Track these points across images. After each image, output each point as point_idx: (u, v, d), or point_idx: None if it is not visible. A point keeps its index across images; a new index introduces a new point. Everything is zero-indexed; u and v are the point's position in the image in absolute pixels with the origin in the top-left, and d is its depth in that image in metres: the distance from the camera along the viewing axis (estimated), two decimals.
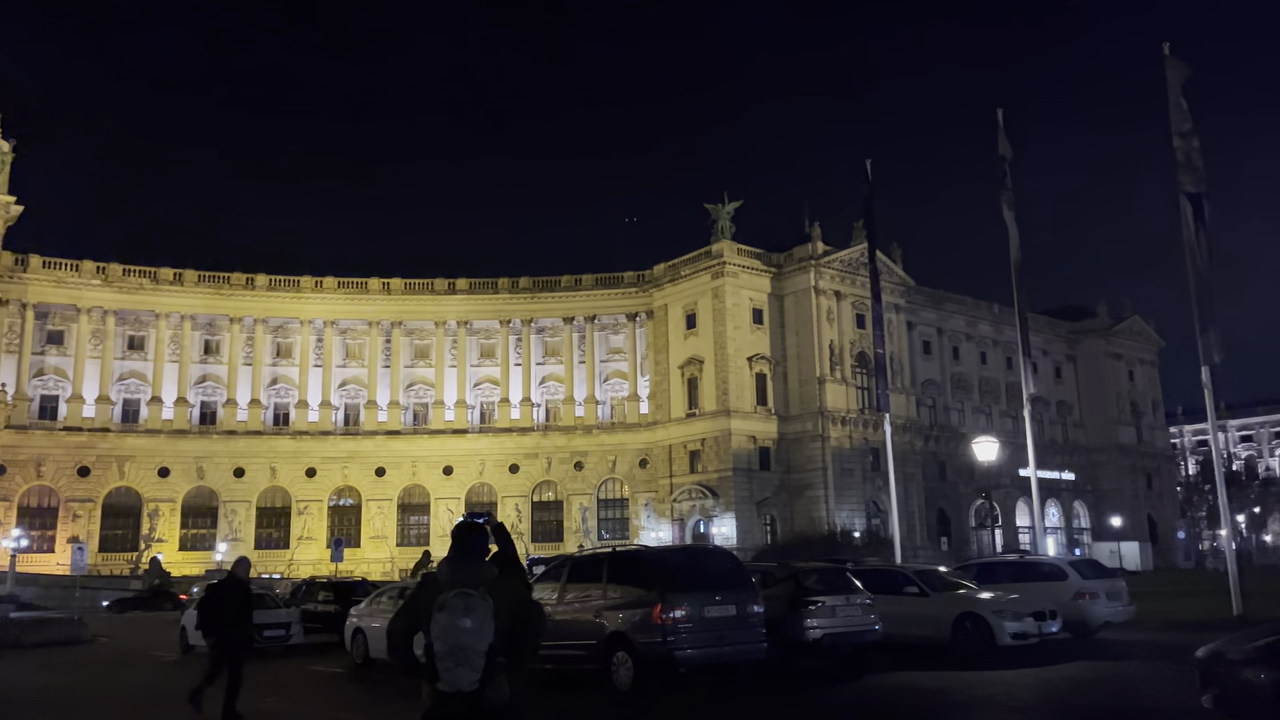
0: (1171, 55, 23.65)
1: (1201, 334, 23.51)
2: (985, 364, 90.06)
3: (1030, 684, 14.67)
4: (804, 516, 72.25)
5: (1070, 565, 21.82)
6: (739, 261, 74.81)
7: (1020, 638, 17.54)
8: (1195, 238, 23.57)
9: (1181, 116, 23.42)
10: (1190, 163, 23.23)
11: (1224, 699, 9.76)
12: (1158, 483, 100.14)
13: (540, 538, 76.03)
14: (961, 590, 19.27)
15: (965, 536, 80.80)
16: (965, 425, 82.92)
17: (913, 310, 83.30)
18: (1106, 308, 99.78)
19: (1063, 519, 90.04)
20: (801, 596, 16.62)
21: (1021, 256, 29.77)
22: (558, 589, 15.96)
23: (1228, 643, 10.15)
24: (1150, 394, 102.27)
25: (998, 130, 29.72)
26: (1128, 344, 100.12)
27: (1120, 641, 20.09)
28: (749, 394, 73.90)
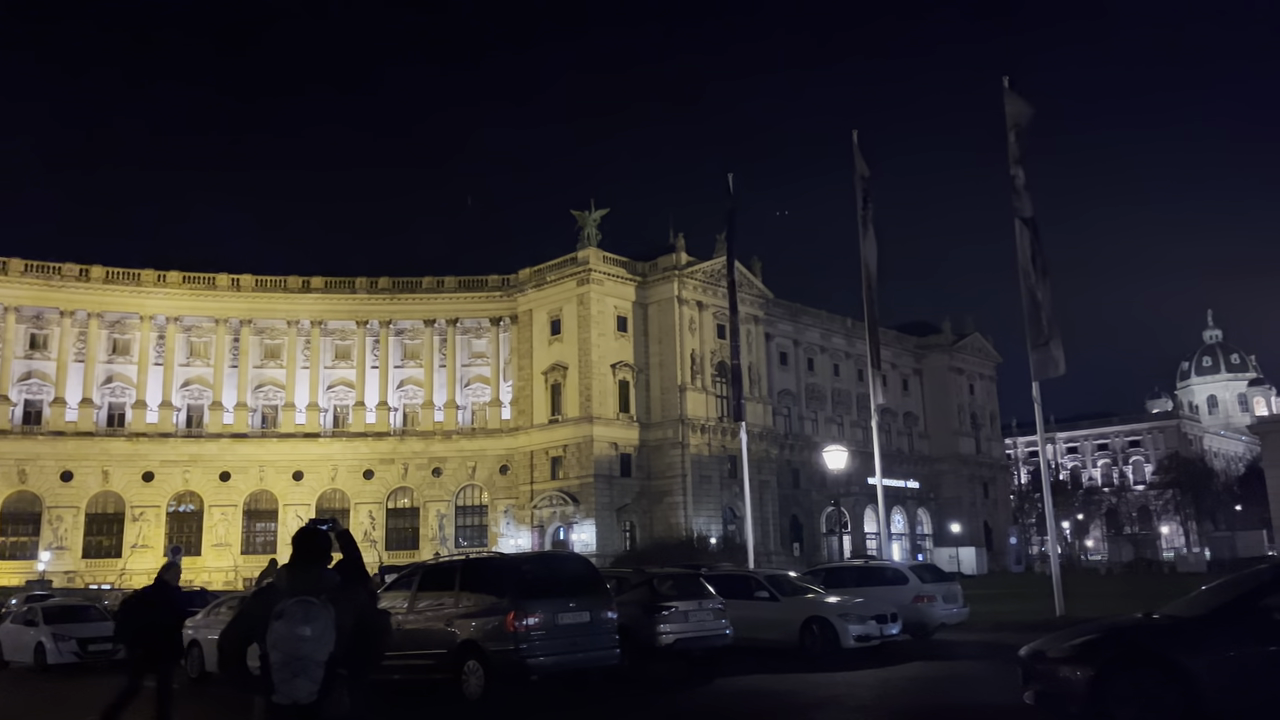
0: (1011, 90, 25.17)
1: (1033, 351, 25.01)
2: (838, 376, 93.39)
3: (871, 684, 15.24)
4: (663, 523, 73.07)
5: (911, 570, 22.85)
6: (605, 269, 75.17)
7: (863, 640, 18.21)
8: (1029, 260, 25.08)
9: (1018, 147, 24.94)
10: (1025, 189, 24.77)
11: (1044, 695, 10.37)
12: (993, 491, 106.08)
13: (395, 545, 74.16)
14: (810, 595, 19.86)
15: (816, 542, 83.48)
16: (819, 434, 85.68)
17: (771, 322, 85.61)
18: (950, 324, 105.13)
19: (907, 525, 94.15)
20: (655, 602, 16.79)
21: (874, 273, 31.02)
22: (409, 597, 15.59)
23: (1048, 642, 10.80)
24: (988, 407, 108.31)
25: (854, 150, 30.87)
26: (969, 359, 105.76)
27: (954, 642, 21.13)
28: (612, 401, 74.27)
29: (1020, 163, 24.87)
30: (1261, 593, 10.03)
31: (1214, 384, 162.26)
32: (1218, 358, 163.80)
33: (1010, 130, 24.95)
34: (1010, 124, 24.97)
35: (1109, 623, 11.86)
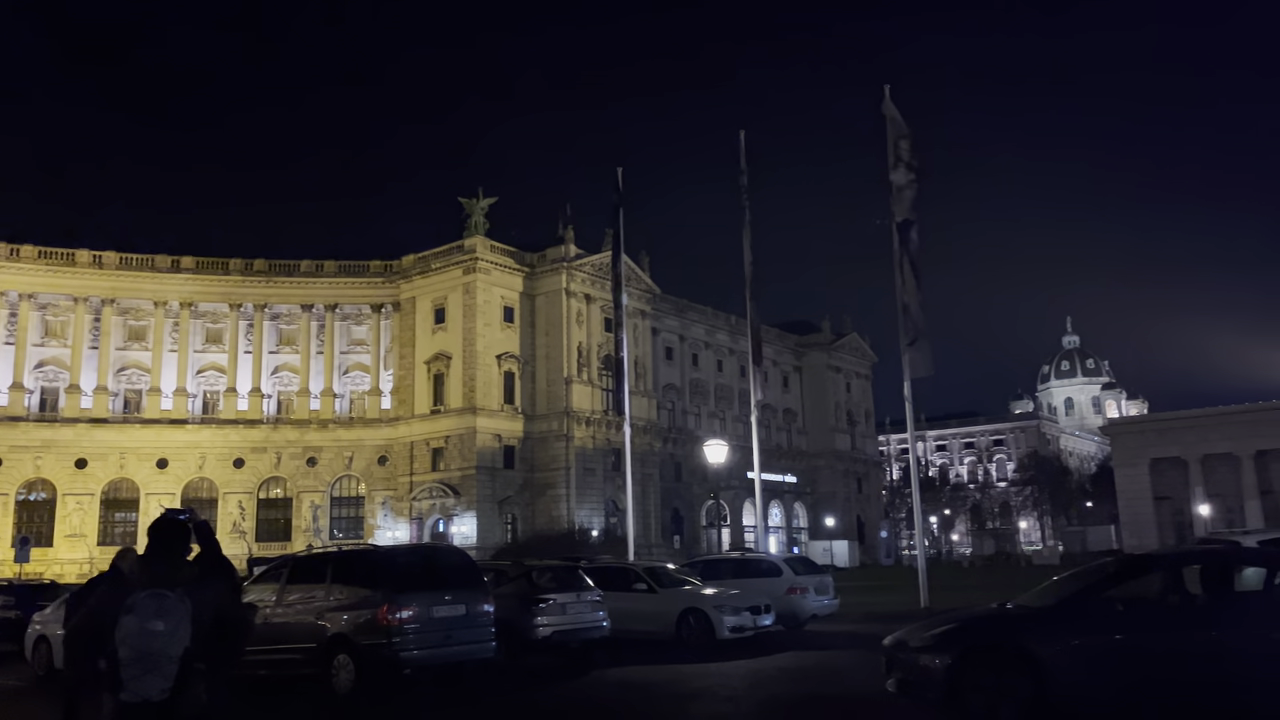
0: (890, 98, 26.03)
1: (905, 352, 25.93)
2: (722, 371, 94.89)
3: (743, 674, 15.55)
4: (545, 515, 72.88)
5: (785, 562, 23.43)
6: (492, 258, 74.36)
7: (738, 631, 18.56)
8: (903, 263, 25.98)
9: (895, 154, 25.81)
10: (901, 195, 25.65)
11: (905, 683, 10.78)
12: (866, 486, 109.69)
13: (266, 537, 71.73)
14: (687, 587, 20.12)
15: (697, 535, 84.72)
16: (701, 429, 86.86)
17: (658, 317, 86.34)
18: (830, 324, 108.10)
19: (785, 519, 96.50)
20: (533, 595, 16.72)
21: (756, 272, 31.60)
22: (277, 590, 15.10)
23: (909, 632, 11.22)
24: (864, 404, 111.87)
25: (739, 151, 31.35)
26: (847, 358, 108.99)
27: (825, 633, 21.78)
28: (496, 392, 73.58)
29: (897, 168, 25.72)
30: (1105, 585, 10.66)
31: (1071, 387, 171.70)
32: (1075, 363, 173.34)
33: (889, 136, 25.79)
34: (890, 130, 25.80)
35: (966, 613, 12.41)
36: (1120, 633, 10.02)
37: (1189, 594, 10.38)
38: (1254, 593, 10.73)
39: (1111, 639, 9.98)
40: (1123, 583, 10.74)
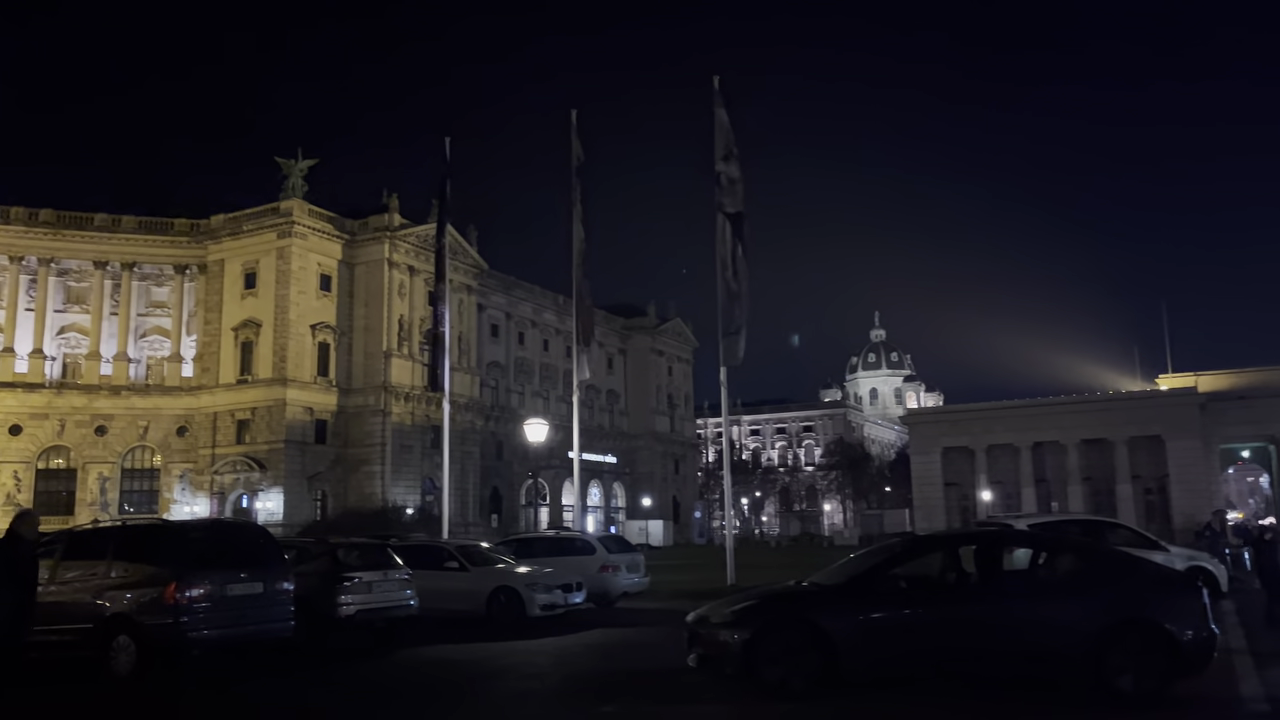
0: (720, 90, 26.56)
1: (724, 339, 26.64)
2: (548, 351, 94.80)
3: (551, 652, 15.63)
4: (358, 492, 70.78)
5: (600, 541, 23.69)
6: (309, 223, 71.18)
7: (549, 609, 18.63)
8: (729, 253, 26.63)
9: (725, 144, 26.39)
10: (730, 186, 26.27)
11: (705, 657, 11.12)
12: (683, 468, 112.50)
13: (46, 510, 65.94)
14: (500, 565, 20.01)
15: (516, 514, 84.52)
16: (525, 407, 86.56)
17: (485, 294, 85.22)
18: (655, 308, 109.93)
19: (603, 498, 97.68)
20: (337, 573, 16.19)
21: (585, 253, 31.61)
22: (51, 567, 13.92)
23: (711, 609, 11.58)
24: (684, 389, 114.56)
25: (571, 131, 31.19)
26: (670, 342, 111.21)
27: (635, 610, 22.19)
28: (310, 363, 70.68)
29: (726, 159, 26.31)
30: (892, 563, 11.35)
31: (876, 378, 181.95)
32: (881, 355, 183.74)
33: (718, 127, 26.33)
34: (718, 121, 26.34)
35: (765, 590, 12.91)
36: (903, 608, 10.69)
37: (964, 572, 11.21)
38: (1021, 571, 11.67)
39: (895, 614, 10.64)
40: (907, 562, 11.45)
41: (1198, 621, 10.34)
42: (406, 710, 11.46)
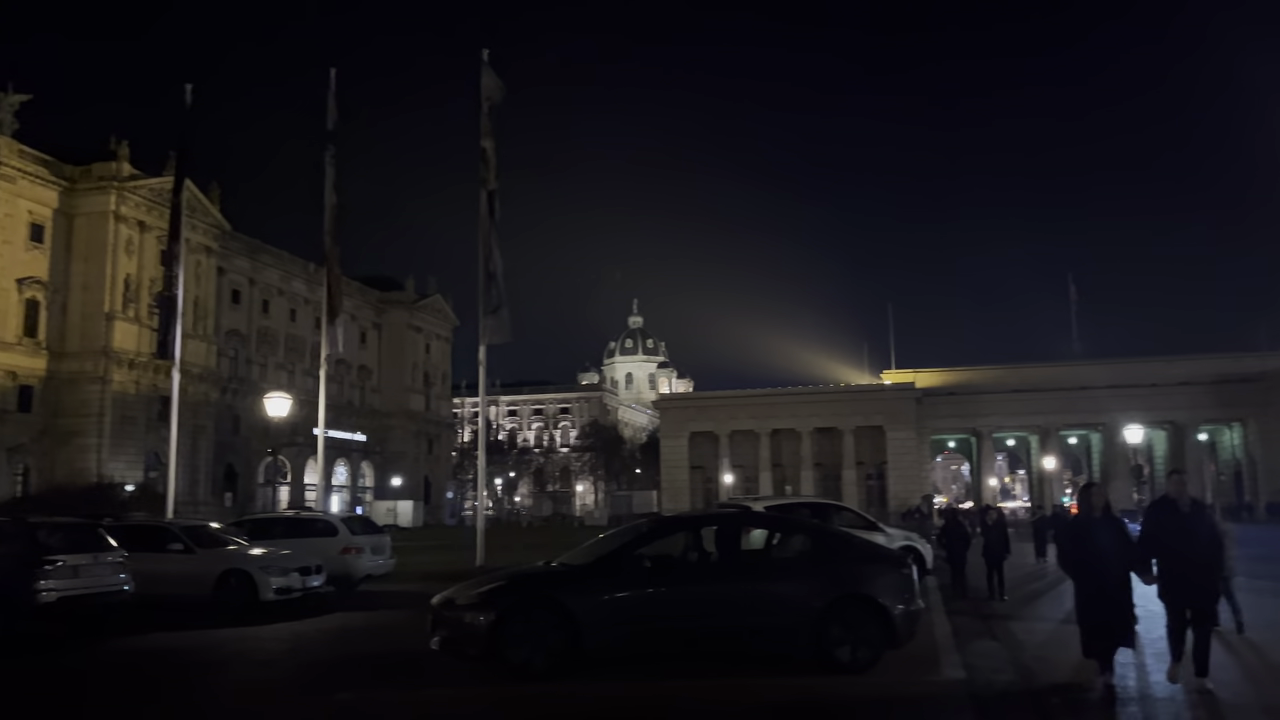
0: (488, 64, 26.11)
1: (484, 317, 26.30)
2: (295, 321, 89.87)
3: (285, 638, 14.81)
4: (69, 467, 64.10)
5: (342, 521, 22.73)
6: (18, 164, 63.41)
7: (284, 592, 17.64)
8: (490, 231, 26.29)
9: (490, 120, 25.98)
10: (490, 162, 25.91)
11: (448, 640, 10.90)
12: (437, 447, 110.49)
13: None
14: (231, 547, 18.74)
15: (253, 493, 79.69)
16: (267, 380, 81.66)
17: (226, 256, 79.52)
18: (414, 283, 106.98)
19: (350, 478, 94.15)
20: (37, 555, 14.51)
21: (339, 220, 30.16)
22: None
23: (457, 590, 11.37)
24: (442, 367, 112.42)
25: (329, 93, 29.62)
26: (429, 319, 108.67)
27: (379, 593, 21.49)
28: (15, 322, 63.16)
29: (490, 136, 25.92)
30: (638, 544, 11.59)
31: (632, 363, 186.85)
32: (638, 341, 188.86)
33: (484, 103, 25.87)
34: (484, 97, 25.88)
35: (513, 571, 12.85)
36: (647, 586, 10.96)
37: (706, 552, 11.67)
38: (757, 550, 12.30)
39: (640, 592, 10.89)
40: (653, 542, 11.75)
41: (908, 596, 11.33)
42: (106, 708, 10.41)
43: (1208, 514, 10.13)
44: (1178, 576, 9.50)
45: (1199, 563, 9.52)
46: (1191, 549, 9.48)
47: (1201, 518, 9.84)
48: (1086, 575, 9.69)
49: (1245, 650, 12.25)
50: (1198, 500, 10.23)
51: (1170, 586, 9.59)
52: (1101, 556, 9.46)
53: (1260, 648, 12.46)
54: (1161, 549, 9.58)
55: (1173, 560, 9.49)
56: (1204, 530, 9.71)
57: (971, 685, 10.39)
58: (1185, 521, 9.60)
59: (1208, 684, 9.49)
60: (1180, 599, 9.61)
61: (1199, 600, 9.59)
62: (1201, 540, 9.60)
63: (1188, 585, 9.53)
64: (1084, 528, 9.88)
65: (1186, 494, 9.88)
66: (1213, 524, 9.95)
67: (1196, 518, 9.74)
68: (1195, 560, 9.49)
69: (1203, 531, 9.67)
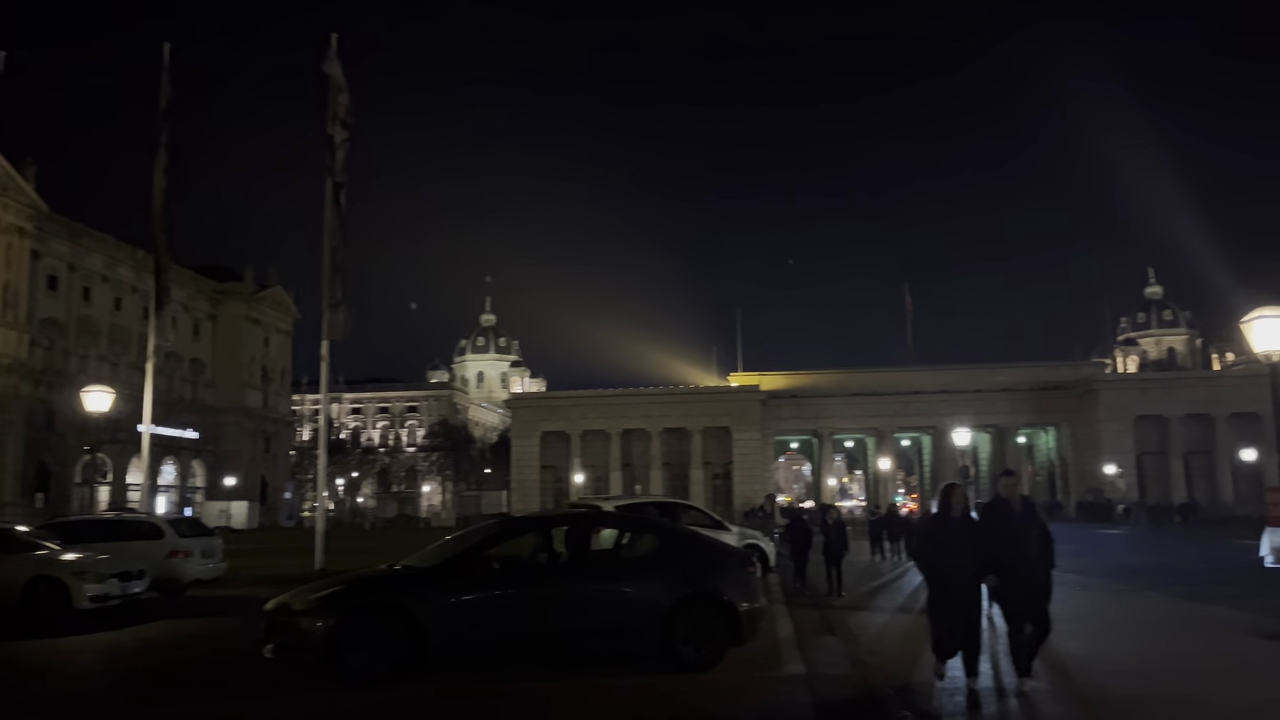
0: (336, 49, 25.13)
1: (327, 311, 25.32)
2: (120, 310, 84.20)
3: (101, 648, 13.81)
4: None
5: (168, 523, 21.42)
6: None
7: (101, 599, 16.48)
8: (335, 222, 25.33)
9: (337, 106, 25.02)
10: (339, 150, 24.97)
11: (283, 646, 10.40)
12: (275, 446, 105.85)
13: None
14: (40, 551, 17.35)
15: (68, 493, 74.22)
16: (88, 373, 76.08)
17: (43, 239, 73.72)
18: (253, 273, 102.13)
19: (179, 477, 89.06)
20: None
21: (170, 204, 28.42)
22: None
23: (294, 595, 10.86)
24: (282, 362, 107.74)
25: (163, 70, 27.89)
26: (269, 311, 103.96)
27: (209, 598, 20.37)
28: None
29: (338, 124, 24.99)
30: (486, 545, 11.39)
31: (484, 362, 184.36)
32: (490, 339, 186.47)
33: (332, 87, 24.91)
34: (333, 81, 24.93)
35: (355, 574, 12.40)
36: (495, 589, 10.76)
37: (555, 552, 11.58)
38: (607, 550, 12.29)
39: (488, 595, 10.68)
40: (501, 543, 11.57)
41: (752, 594, 11.57)
42: None
43: (1039, 514, 9.89)
44: (1011, 578, 9.38)
45: (1031, 563, 9.40)
46: (1024, 550, 9.38)
47: (1033, 518, 9.66)
48: (942, 576, 9.59)
49: (1056, 642, 13.09)
50: (1029, 500, 10.04)
51: (1004, 589, 9.52)
52: (958, 558, 9.38)
53: (1072, 639, 13.35)
54: (995, 551, 9.43)
55: (1006, 562, 9.36)
56: (1035, 531, 9.54)
57: (811, 679, 10.70)
58: (1017, 522, 9.49)
59: (1027, 685, 9.61)
60: (1016, 601, 9.52)
61: (1033, 600, 9.48)
62: (1033, 541, 9.48)
63: (1021, 586, 9.40)
64: (941, 529, 9.72)
65: (1018, 494, 9.80)
66: (1043, 524, 9.67)
67: (1028, 518, 9.60)
68: (1028, 561, 9.38)
69: (1034, 532, 9.53)
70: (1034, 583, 9.44)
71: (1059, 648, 8.52)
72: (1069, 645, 11.89)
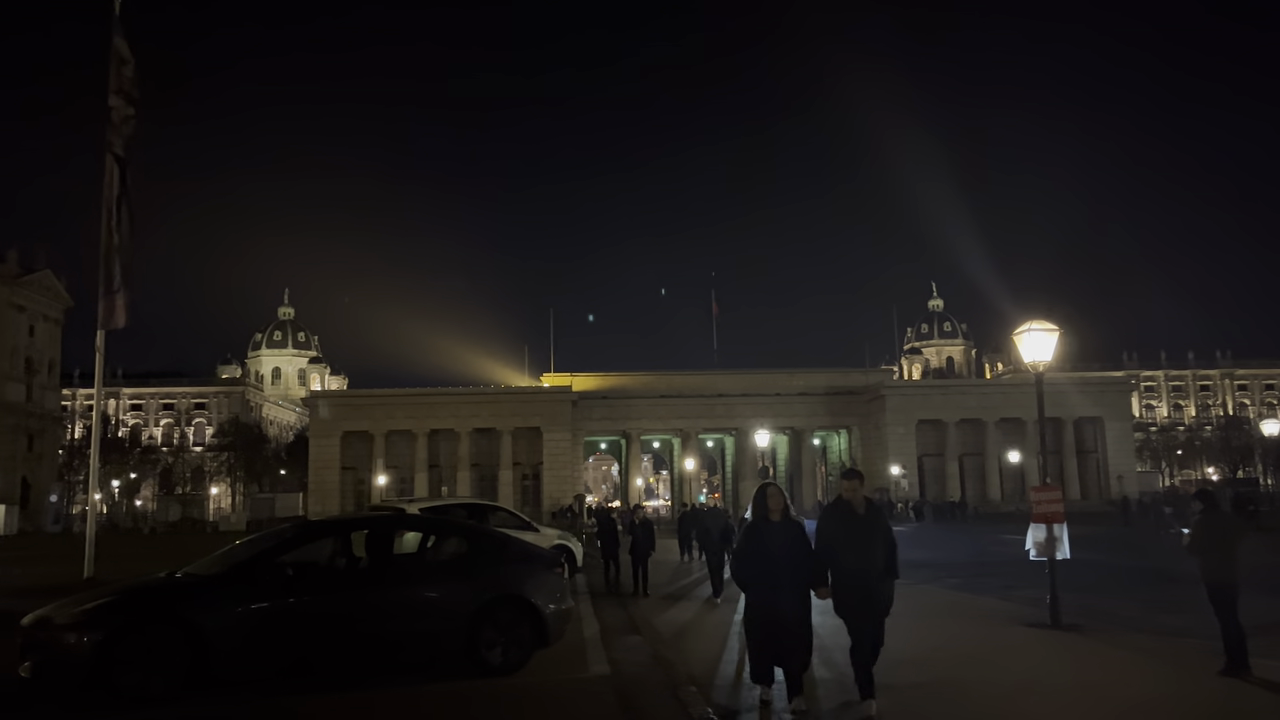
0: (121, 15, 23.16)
1: (102, 299, 23.31)
2: None
3: None
4: None
5: None
6: None
7: None
8: (115, 201, 23.33)
9: (120, 77, 23.07)
10: (122, 124, 23.03)
11: (44, 666, 9.41)
12: (40, 444, 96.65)
13: None
14: None
15: None
16: None
17: None
18: (18, 256, 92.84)
19: None
20: None
21: None
22: None
23: (57, 608, 9.86)
24: (50, 353, 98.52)
25: None
26: (36, 297, 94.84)
27: None
28: None
29: (121, 95, 23.05)
30: (279, 550, 10.73)
31: (281, 357, 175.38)
32: (288, 334, 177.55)
33: (113, 56, 22.93)
34: (115, 50, 22.95)
35: (129, 584, 11.43)
36: (289, 596, 10.15)
37: (355, 557, 11.07)
38: (411, 554, 11.88)
39: (280, 603, 10.06)
40: (296, 548, 10.95)
41: (560, 596, 11.50)
42: None
43: (884, 519, 8.98)
44: (854, 589, 8.46)
45: (875, 574, 8.50)
46: (868, 559, 8.47)
47: (878, 522, 8.73)
48: (759, 587, 8.70)
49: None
50: (874, 503, 9.10)
51: (847, 600, 8.56)
52: (777, 566, 8.57)
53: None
54: (833, 559, 8.56)
55: (846, 571, 8.47)
56: (880, 537, 8.64)
57: (616, 679, 10.74)
58: (861, 527, 8.57)
59: (871, 709, 8.55)
60: (860, 614, 8.56)
61: (874, 615, 8.60)
62: (878, 547, 8.57)
63: (866, 597, 8.49)
64: (758, 533, 8.82)
65: (862, 497, 8.80)
66: (889, 530, 8.80)
67: (872, 523, 8.67)
68: (871, 571, 8.48)
69: (879, 539, 8.62)
70: (876, 595, 8.55)
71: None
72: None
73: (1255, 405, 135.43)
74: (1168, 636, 12.92)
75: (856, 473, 9.12)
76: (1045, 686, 10.16)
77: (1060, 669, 10.96)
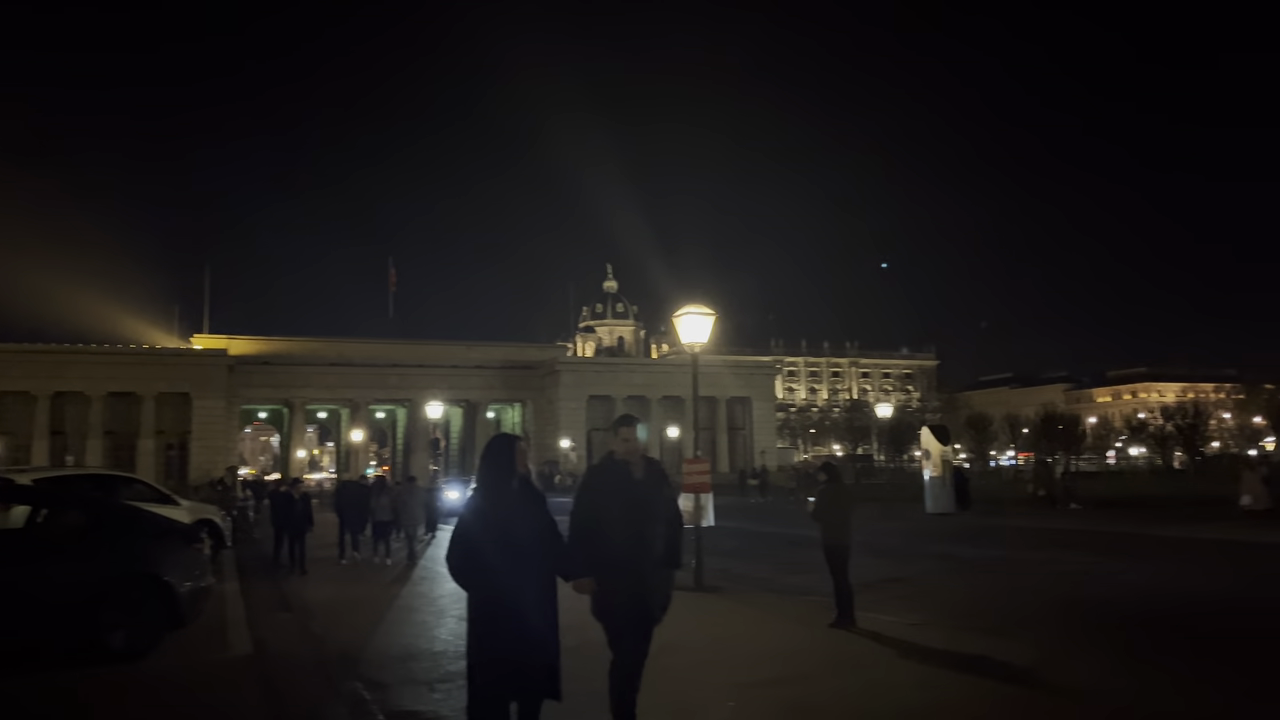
0: None
1: None
2: None
3: None
4: None
5: None
6: None
7: None
8: None
9: None
10: None
11: None
12: None
13: None
14: None
15: None
16: None
17: None
18: None
19: None
20: None
21: None
22: None
23: None
24: None
25: None
26: None
27: None
28: None
29: None
30: None
31: None
32: None
33: None
34: None
35: None
36: None
37: None
38: (18, 530, 10.60)
39: None
40: None
41: (197, 573, 10.63)
42: None
43: (667, 484, 6.40)
44: (625, 575, 5.98)
45: (653, 560, 6.15)
46: (646, 537, 6.09)
47: (659, 491, 6.28)
48: (485, 581, 5.47)
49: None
50: (654, 463, 6.40)
51: (612, 598, 6.00)
52: (514, 551, 5.47)
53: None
54: (606, 539, 5.97)
55: (619, 557, 5.96)
56: (662, 509, 6.26)
57: (260, 659, 10.13)
58: (640, 495, 6.13)
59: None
60: (626, 617, 6.10)
61: (652, 617, 6.26)
62: (658, 524, 6.19)
63: (638, 594, 6.08)
64: (488, 507, 5.62)
65: (640, 454, 6.27)
66: (672, 499, 6.42)
67: (653, 489, 6.24)
68: (648, 556, 6.10)
69: (659, 511, 6.23)
70: (650, 592, 6.20)
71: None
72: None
73: (874, 391, 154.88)
74: (792, 595, 14.35)
75: (633, 419, 6.42)
76: (686, 644, 10.86)
77: (699, 627, 11.80)
